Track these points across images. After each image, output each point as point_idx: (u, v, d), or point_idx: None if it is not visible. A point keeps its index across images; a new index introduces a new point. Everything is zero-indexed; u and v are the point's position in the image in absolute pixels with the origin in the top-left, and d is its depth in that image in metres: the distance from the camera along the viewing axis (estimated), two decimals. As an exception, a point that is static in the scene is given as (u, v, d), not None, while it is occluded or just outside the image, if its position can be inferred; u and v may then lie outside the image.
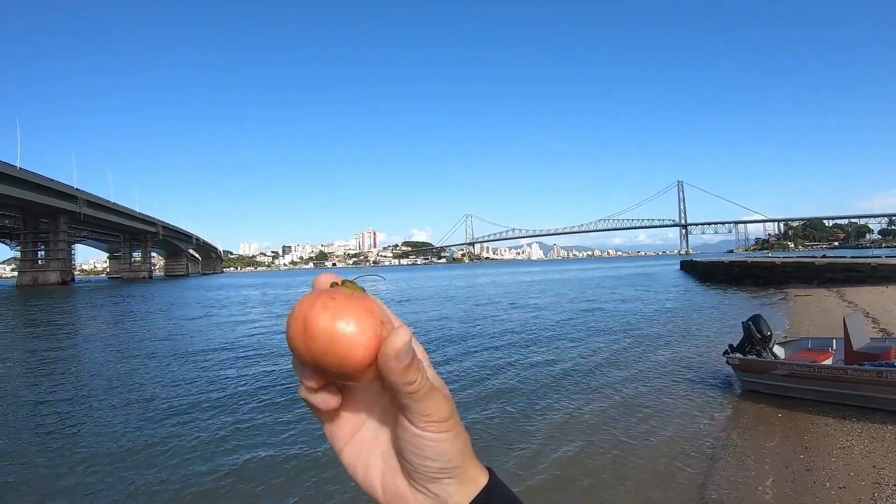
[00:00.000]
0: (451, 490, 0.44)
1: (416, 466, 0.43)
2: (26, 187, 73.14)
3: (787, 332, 12.88)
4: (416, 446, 0.42)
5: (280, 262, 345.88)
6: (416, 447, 0.43)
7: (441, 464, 0.43)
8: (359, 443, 0.47)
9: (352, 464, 0.47)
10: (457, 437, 0.44)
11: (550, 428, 7.32)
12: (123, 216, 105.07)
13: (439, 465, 0.43)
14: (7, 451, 6.98)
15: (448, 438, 0.43)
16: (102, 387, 10.59)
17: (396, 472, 0.45)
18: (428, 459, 0.43)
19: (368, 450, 0.47)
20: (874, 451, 5.59)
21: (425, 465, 0.43)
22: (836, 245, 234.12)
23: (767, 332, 8.42)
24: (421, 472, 0.43)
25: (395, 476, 0.45)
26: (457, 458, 0.43)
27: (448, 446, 0.43)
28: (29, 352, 15.58)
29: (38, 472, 6.25)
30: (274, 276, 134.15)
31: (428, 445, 0.42)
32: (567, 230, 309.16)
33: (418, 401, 0.41)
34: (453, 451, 0.43)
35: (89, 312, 31.49)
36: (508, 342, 14.93)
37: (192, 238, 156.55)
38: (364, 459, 0.47)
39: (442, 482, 0.44)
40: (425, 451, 0.42)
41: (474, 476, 0.45)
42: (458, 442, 0.44)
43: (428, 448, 0.42)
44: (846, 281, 25.81)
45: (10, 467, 6.41)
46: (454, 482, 0.44)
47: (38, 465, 6.49)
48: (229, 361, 13.06)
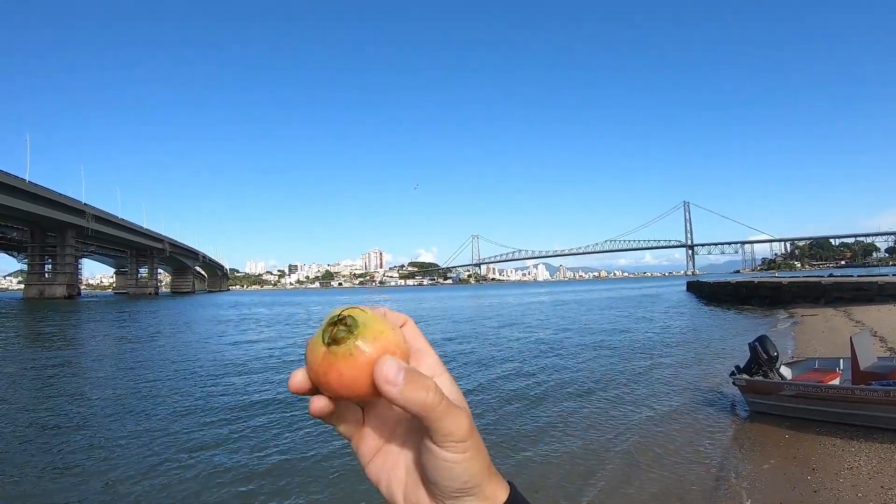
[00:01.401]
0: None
1: (437, 484, 0.44)
2: (35, 201, 73.79)
3: (794, 353, 12.80)
4: (437, 466, 0.43)
5: (286, 280, 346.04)
6: (437, 467, 0.43)
7: (461, 483, 0.44)
8: (384, 457, 0.49)
9: (376, 477, 0.49)
10: (476, 456, 0.44)
11: (555, 446, 7.30)
12: (131, 232, 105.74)
13: (459, 485, 0.44)
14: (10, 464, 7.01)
15: (468, 458, 0.43)
16: (111, 400, 10.62)
17: (418, 485, 0.47)
18: (448, 479, 0.43)
19: (393, 464, 0.48)
20: (882, 471, 5.54)
21: (445, 483, 0.44)
22: (842, 264, 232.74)
23: (774, 353, 8.39)
24: (442, 491, 0.44)
25: (416, 489, 0.47)
26: (476, 476, 0.44)
27: (468, 466, 0.43)
28: (33, 364, 15.62)
29: (42, 487, 6.27)
30: (280, 295, 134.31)
31: (448, 466, 0.43)
32: (573, 251, 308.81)
33: (435, 420, 0.42)
34: (473, 470, 0.44)
35: (96, 327, 31.59)
36: (513, 363, 14.93)
37: (199, 255, 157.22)
38: (388, 473, 0.48)
39: (462, 500, 0.44)
40: (446, 471, 0.43)
41: (494, 493, 0.46)
42: (478, 460, 0.44)
43: (449, 469, 0.43)
44: (853, 300, 25.67)
45: (12, 480, 6.43)
46: (474, 500, 0.45)
47: (41, 479, 6.51)
48: (236, 376, 13.09)
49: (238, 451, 7.36)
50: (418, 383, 0.42)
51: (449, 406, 0.43)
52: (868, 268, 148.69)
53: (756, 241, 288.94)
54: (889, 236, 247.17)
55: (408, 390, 0.41)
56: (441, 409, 0.42)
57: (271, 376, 13.09)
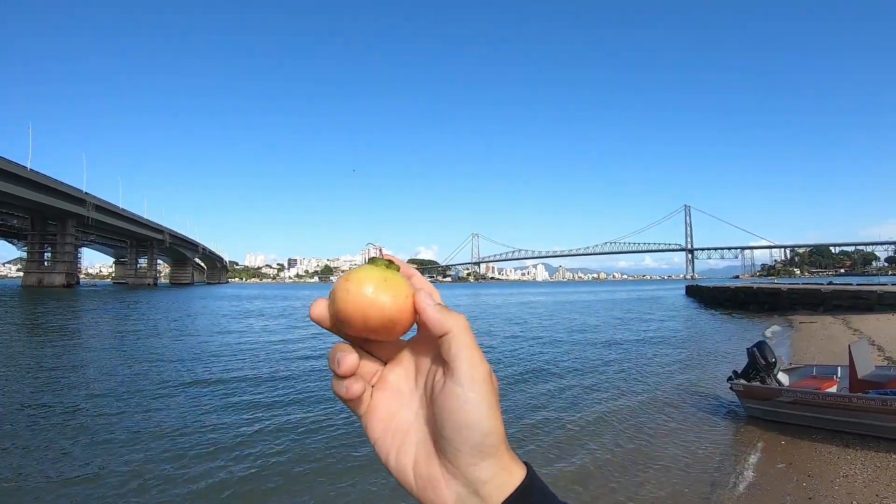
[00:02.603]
0: (485, 474, 0.43)
1: (452, 441, 0.43)
2: (36, 189, 73.69)
3: (791, 359, 12.79)
4: (455, 410, 0.43)
5: (285, 274, 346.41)
6: (458, 410, 0.43)
7: (481, 433, 0.43)
8: (393, 432, 0.48)
9: (385, 452, 0.48)
10: (495, 410, 0.44)
11: (547, 450, 7.31)
12: (131, 222, 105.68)
13: (479, 437, 0.43)
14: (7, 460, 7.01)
15: (486, 405, 0.43)
16: (107, 390, 10.62)
17: (431, 457, 0.45)
18: (465, 428, 0.43)
19: (403, 439, 0.48)
20: (877, 479, 5.55)
21: (462, 436, 0.43)
22: (842, 272, 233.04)
23: (772, 359, 8.39)
24: (458, 448, 0.43)
25: (428, 462, 0.46)
26: (494, 434, 0.43)
27: (486, 414, 0.43)
28: (33, 352, 15.62)
29: (37, 482, 6.27)
30: (279, 289, 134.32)
31: (466, 409, 0.42)
32: (573, 252, 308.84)
33: (462, 346, 0.43)
34: (491, 423, 0.43)
35: (95, 316, 31.56)
36: (507, 364, 14.93)
37: (199, 247, 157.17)
38: (398, 448, 0.47)
39: (478, 465, 0.43)
40: (464, 414, 0.43)
41: (509, 465, 0.44)
42: (495, 416, 0.44)
43: (466, 412, 0.42)
44: (852, 308, 25.69)
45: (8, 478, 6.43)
46: (490, 465, 0.43)
47: (38, 472, 6.51)
48: (238, 366, 13.10)
49: (237, 448, 7.36)
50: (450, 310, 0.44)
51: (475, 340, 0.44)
52: (868, 276, 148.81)
53: (756, 247, 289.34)
54: (889, 246, 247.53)
55: (442, 309, 0.44)
56: (469, 336, 0.44)
57: (272, 370, 13.11)
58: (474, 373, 0.43)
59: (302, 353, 15.92)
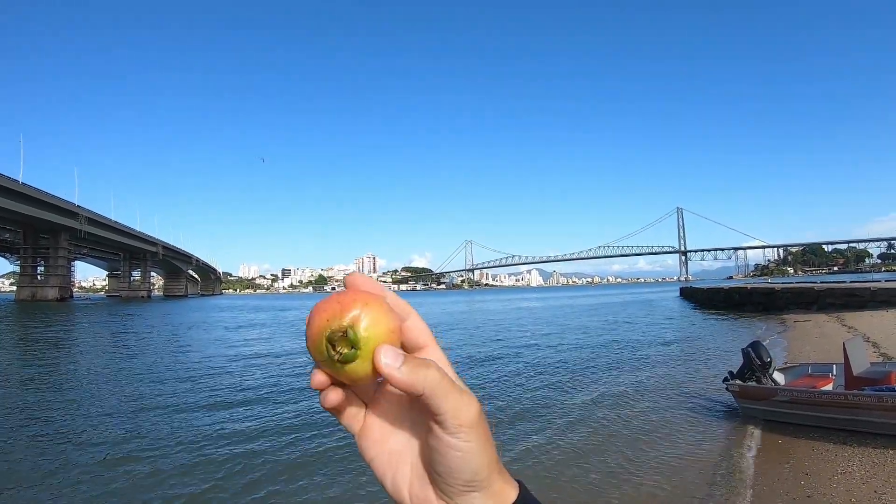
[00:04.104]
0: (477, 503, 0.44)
1: (444, 478, 0.43)
2: (28, 202, 73.03)
3: (787, 358, 12.85)
4: (443, 455, 0.43)
5: (279, 285, 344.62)
6: (443, 455, 0.43)
7: (468, 475, 0.43)
8: (389, 454, 0.48)
9: (382, 473, 0.48)
10: (485, 447, 0.43)
11: (544, 453, 7.29)
12: (124, 235, 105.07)
13: (467, 476, 0.43)
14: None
15: (475, 449, 0.43)
16: (101, 403, 10.53)
17: (424, 481, 0.45)
18: (454, 470, 0.43)
19: (398, 460, 0.47)
20: (875, 476, 5.56)
21: (453, 476, 0.43)
22: (835, 270, 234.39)
23: (767, 359, 8.41)
24: (449, 485, 0.43)
25: (423, 486, 0.46)
26: (484, 470, 0.43)
27: (475, 457, 0.43)
28: (27, 368, 15.48)
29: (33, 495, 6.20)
30: (273, 299, 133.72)
31: (455, 455, 0.42)
32: (566, 257, 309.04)
33: (440, 398, 0.42)
34: (481, 461, 0.43)
35: (90, 330, 31.32)
36: (504, 367, 14.92)
37: (192, 259, 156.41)
38: (394, 469, 0.47)
39: (469, 496, 0.43)
40: (453, 460, 0.42)
41: (502, 490, 0.45)
42: (485, 453, 0.43)
43: (456, 458, 0.42)
44: (846, 306, 25.87)
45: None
46: (481, 495, 0.44)
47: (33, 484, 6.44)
48: (228, 377, 13.01)
49: (236, 453, 7.31)
50: (419, 363, 0.42)
51: (454, 385, 0.43)
52: (861, 274, 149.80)
53: (749, 247, 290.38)
54: (881, 242, 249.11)
55: (409, 371, 0.42)
56: (444, 387, 0.42)
57: (265, 379, 13.04)
58: (460, 420, 0.42)
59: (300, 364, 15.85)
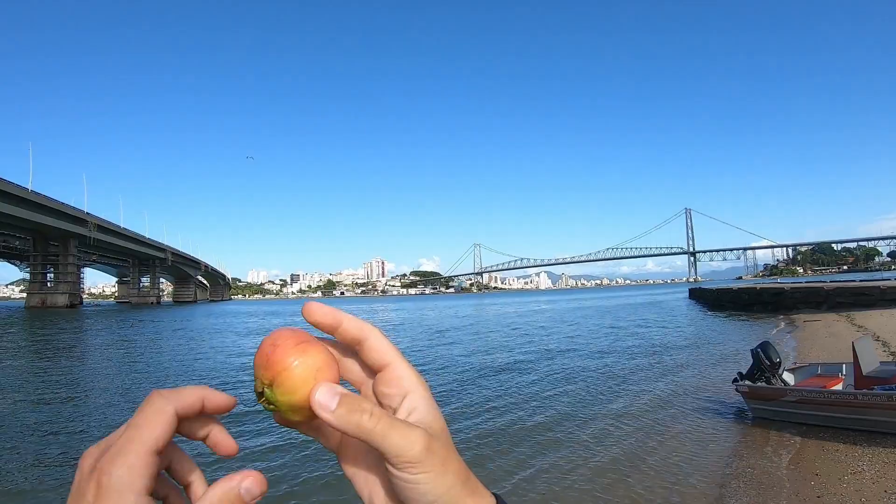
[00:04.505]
0: None
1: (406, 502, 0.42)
2: (37, 210, 73.81)
3: (796, 358, 12.79)
4: (397, 486, 0.42)
5: (288, 290, 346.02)
6: (398, 487, 0.42)
7: (434, 499, 0.41)
8: (364, 474, 0.48)
9: (359, 490, 0.48)
10: (442, 475, 0.42)
11: (555, 452, 7.32)
12: (133, 241, 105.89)
13: (432, 500, 0.41)
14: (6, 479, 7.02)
15: (429, 479, 0.41)
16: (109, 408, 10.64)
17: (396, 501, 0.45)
18: (414, 500, 0.42)
19: (373, 480, 0.47)
20: (886, 475, 5.55)
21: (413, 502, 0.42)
22: (845, 269, 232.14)
23: (776, 359, 8.39)
24: None
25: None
26: (444, 496, 0.42)
27: (431, 486, 0.41)
28: (35, 375, 15.64)
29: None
30: (283, 305, 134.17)
31: (409, 487, 0.41)
32: (575, 259, 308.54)
33: (378, 442, 0.41)
34: (439, 490, 0.42)
35: (100, 336, 31.59)
36: (517, 371, 14.95)
37: (201, 265, 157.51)
38: (370, 488, 0.47)
39: None
40: (409, 491, 0.41)
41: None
42: (443, 479, 0.42)
43: (410, 489, 0.41)
44: (855, 305, 25.71)
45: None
46: None
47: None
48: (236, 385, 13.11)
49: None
50: (354, 406, 0.41)
51: (393, 425, 0.41)
52: (871, 272, 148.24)
53: (758, 247, 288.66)
54: (891, 240, 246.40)
55: (344, 414, 0.41)
56: (381, 430, 0.41)
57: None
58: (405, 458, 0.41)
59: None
